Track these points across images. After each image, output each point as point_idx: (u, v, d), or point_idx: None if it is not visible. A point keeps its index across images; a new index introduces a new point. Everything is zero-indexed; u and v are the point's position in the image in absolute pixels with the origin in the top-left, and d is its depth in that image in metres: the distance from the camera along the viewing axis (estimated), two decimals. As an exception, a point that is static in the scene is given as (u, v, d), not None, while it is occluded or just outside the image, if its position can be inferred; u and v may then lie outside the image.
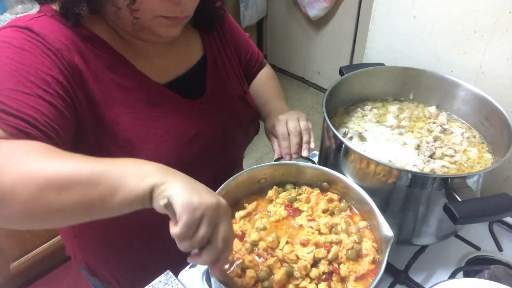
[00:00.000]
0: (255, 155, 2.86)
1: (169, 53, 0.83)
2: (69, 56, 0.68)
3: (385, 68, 1.03)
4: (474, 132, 0.94)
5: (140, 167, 0.53)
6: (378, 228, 0.68)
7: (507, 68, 0.92)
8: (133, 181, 0.51)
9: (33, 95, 0.60)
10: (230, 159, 0.97)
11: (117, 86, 0.74)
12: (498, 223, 0.96)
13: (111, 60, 0.74)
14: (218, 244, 0.52)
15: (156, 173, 0.52)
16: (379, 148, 0.89)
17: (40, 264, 1.91)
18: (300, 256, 0.66)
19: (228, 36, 0.96)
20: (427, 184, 0.73)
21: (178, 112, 0.81)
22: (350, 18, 2.85)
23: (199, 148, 0.83)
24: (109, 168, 0.52)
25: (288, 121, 0.88)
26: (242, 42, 1.02)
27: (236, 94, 0.93)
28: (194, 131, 0.83)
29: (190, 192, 0.51)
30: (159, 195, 0.51)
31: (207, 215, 0.51)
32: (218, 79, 0.90)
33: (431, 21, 1.01)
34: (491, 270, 0.81)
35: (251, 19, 3.17)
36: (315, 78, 3.41)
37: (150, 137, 0.76)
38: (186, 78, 0.85)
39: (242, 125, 0.94)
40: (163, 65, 0.82)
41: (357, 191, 0.74)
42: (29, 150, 0.53)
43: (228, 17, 0.99)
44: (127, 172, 0.52)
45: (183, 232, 0.50)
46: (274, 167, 0.80)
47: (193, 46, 0.89)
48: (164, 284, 0.79)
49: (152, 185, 0.51)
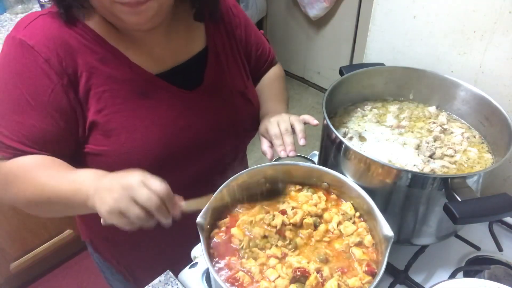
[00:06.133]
0: (255, 155, 2.86)
1: (169, 43, 0.84)
2: (59, 62, 0.72)
3: (385, 68, 1.03)
4: (474, 132, 0.94)
5: (80, 188, 0.66)
6: (378, 228, 0.68)
7: (507, 68, 0.92)
8: (76, 202, 0.67)
9: (31, 117, 0.72)
10: (225, 154, 0.96)
11: (109, 78, 0.76)
12: (498, 223, 0.96)
13: (104, 53, 0.76)
14: (152, 207, 0.60)
15: (88, 190, 0.65)
16: (379, 148, 0.89)
17: (40, 264, 1.91)
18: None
19: (238, 32, 0.96)
20: (427, 184, 0.73)
21: (170, 102, 0.82)
22: (350, 18, 2.85)
23: (189, 139, 0.84)
24: (64, 189, 0.68)
25: (280, 122, 0.87)
26: (253, 38, 1.02)
27: (236, 90, 0.93)
28: (185, 122, 0.83)
29: (103, 201, 0.61)
30: (94, 210, 0.64)
31: (123, 206, 0.59)
32: (218, 72, 0.90)
33: (431, 21, 1.01)
34: (491, 270, 0.81)
35: (251, 19, 3.17)
36: (315, 78, 3.41)
37: (137, 127, 0.78)
38: (185, 68, 0.86)
39: (239, 121, 0.93)
40: (161, 55, 0.83)
41: (357, 191, 0.74)
42: (16, 174, 0.71)
43: (243, 13, 1.00)
44: (73, 193, 0.67)
45: (123, 226, 0.61)
46: (274, 167, 0.80)
47: (195, 37, 0.89)
48: (164, 284, 0.79)
49: (90, 205, 0.64)
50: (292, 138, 0.85)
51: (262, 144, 0.89)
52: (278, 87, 1.08)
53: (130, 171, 0.63)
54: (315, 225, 0.73)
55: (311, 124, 0.87)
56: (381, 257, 0.66)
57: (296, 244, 0.71)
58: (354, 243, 0.71)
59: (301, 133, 0.84)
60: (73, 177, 0.69)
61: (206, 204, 0.68)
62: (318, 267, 0.66)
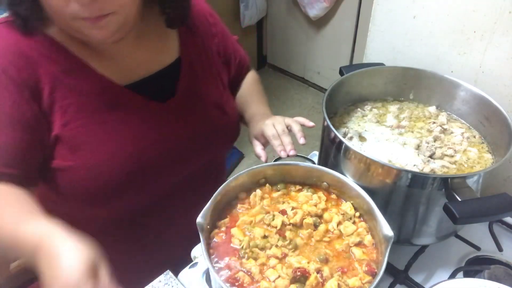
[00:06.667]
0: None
1: (139, 53, 0.81)
2: (18, 74, 0.68)
3: (385, 68, 1.03)
4: (474, 132, 0.94)
5: (25, 247, 0.58)
6: (378, 228, 0.68)
7: (507, 68, 0.92)
8: (26, 255, 0.59)
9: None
10: (200, 167, 0.93)
11: (74, 91, 0.73)
12: (498, 223, 0.96)
13: (67, 64, 0.73)
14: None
15: (34, 253, 0.56)
16: (379, 148, 0.89)
17: (40, 264, 1.91)
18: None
19: (215, 41, 0.94)
20: (427, 184, 0.73)
21: (141, 115, 0.79)
22: (350, 18, 2.85)
23: (161, 152, 0.81)
24: (15, 240, 0.60)
25: (275, 124, 0.86)
26: (231, 47, 1.00)
27: (211, 101, 0.90)
28: (157, 134, 0.81)
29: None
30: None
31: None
32: (192, 83, 0.87)
33: (431, 21, 1.01)
34: (491, 270, 0.81)
35: (251, 19, 3.17)
36: (315, 78, 3.41)
37: (104, 141, 0.75)
38: (157, 79, 0.83)
39: (214, 132, 0.91)
40: (131, 66, 0.80)
41: (357, 191, 0.74)
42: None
43: (219, 22, 0.97)
44: (20, 249, 0.59)
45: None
46: (274, 167, 0.80)
47: (168, 46, 0.86)
48: (164, 284, 0.79)
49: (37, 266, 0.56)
50: (290, 138, 0.84)
51: (255, 147, 0.88)
52: (258, 90, 1.07)
53: (68, 271, 0.52)
54: (315, 225, 0.73)
55: (306, 125, 0.86)
56: (381, 257, 0.66)
57: (296, 244, 0.70)
58: (354, 243, 0.71)
59: (299, 133, 0.84)
60: (24, 229, 0.60)
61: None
62: (318, 267, 0.66)
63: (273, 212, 0.74)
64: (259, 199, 0.78)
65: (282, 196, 0.79)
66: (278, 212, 0.75)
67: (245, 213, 0.76)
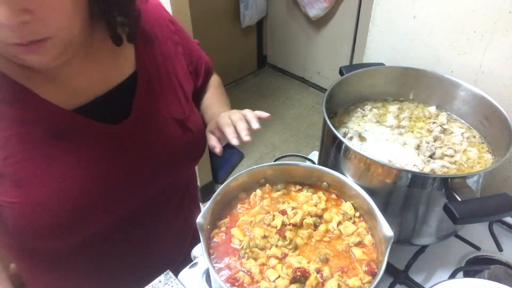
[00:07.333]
0: (255, 155, 2.86)
1: (89, 72, 0.73)
2: None
3: (385, 68, 1.03)
4: (474, 132, 0.94)
5: None
6: (378, 228, 0.68)
7: (507, 68, 0.92)
8: None
9: None
10: (165, 188, 0.88)
11: (15, 121, 0.66)
12: (498, 223, 0.96)
13: (7, 92, 0.66)
14: None
15: None
16: (379, 148, 0.89)
17: (40, 264, 1.91)
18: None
19: (179, 49, 0.88)
20: (427, 184, 0.73)
21: (92, 140, 0.73)
22: (350, 18, 2.85)
23: (117, 179, 0.75)
24: None
25: (230, 114, 0.82)
26: (196, 54, 0.95)
27: (172, 117, 0.83)
28: (112, 160, 0.75)
29: None
30: None
31: None
32: (150, 99, 0.80)
33: (431, 21, 1.01)
34: (491, 270, 0.81)
35: (251, 19, 3.18)
36: (315, 78, 3.42)
37: (51, 175, 0.68)
38: (110, 99, 0.75)
39: (177, 151, 0.84)
40: (79, 87, 0.72)
41: (357, 191, 0.74)
42: None
43: (181, 29, 0.92)
44: None
45: None
46: (274, 167, 0.80)
47: (122, 62, 0.78)
48: (164, 284, 0.79)
49: None
50: (246, 124, 0.79)
51: (210, 140, 0.83)
52: (221, 93, 1.04)
53: None
54: (315, 225, 0.74)
55: (263, 117, 0.82)
56: (381, 257, 0.66)
57: (296, 244, 0.71)
58: (354, 243, 0.71)
59: (253, 119, 0.80)
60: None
61: None
62: (318, 267, 0.66)
63: (273, 212, 0.74)
64: (259, 199, 0.78)
65: (282, 196, 0.79)
66: (278, 212, 0.75)
67: (245, 213, 0.76)
